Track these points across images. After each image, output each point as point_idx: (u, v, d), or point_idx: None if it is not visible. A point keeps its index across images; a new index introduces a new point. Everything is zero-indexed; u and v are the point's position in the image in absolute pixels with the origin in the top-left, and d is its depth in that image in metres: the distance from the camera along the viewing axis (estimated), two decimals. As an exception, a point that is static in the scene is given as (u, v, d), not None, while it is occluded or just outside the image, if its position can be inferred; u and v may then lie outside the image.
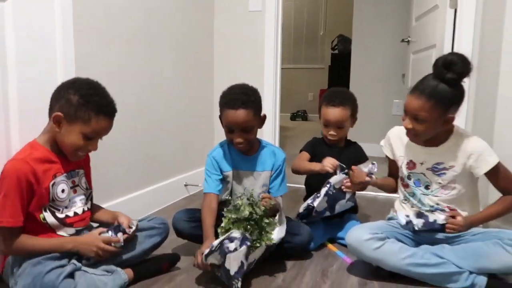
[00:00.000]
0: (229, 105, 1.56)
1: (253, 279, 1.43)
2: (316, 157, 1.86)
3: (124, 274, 1.32)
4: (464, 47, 2.17)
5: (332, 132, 1.84)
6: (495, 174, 1.47)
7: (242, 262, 1.30)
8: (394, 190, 1.71)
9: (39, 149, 1.26)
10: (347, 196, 1.71)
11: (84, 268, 1.24)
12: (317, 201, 1.67)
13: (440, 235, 1.49)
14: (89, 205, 1.40)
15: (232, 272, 1.29)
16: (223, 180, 1.68)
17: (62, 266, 1.19)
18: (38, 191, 1.21)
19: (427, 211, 1.52)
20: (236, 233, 1.34)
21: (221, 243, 1.31)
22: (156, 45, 2.17)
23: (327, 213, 1.72)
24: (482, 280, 1.38)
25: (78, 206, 1.34)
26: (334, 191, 1.68)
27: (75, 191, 1.34)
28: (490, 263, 1.37)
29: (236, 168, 1.68)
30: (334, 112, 1.80)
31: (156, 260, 1.48)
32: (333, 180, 1.68)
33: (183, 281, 1.43)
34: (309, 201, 1.71)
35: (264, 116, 1.67)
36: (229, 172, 1.67)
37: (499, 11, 1.80)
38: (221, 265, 1.32)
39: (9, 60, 1.32)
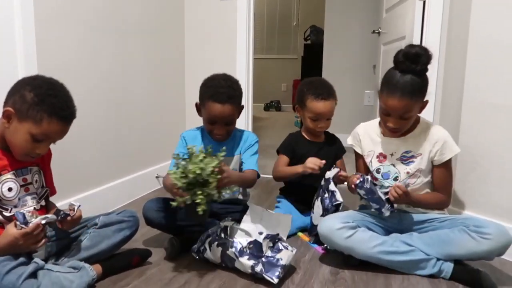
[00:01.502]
0: (215, 99, 1.56)
1: (226, 272, 1.43)
2: (296, 156, 1.85)
3: (92, 271, 1.28)
4: (432, 38, 2.21)
5: (322, 125, 1.83)
6: (447, 167, 1.55)
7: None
8: None
9: None
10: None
11: (48, 266, 1.19)
12: (338, 195, 1.63)
13: (408, 222, 1.54)
14: (43, 203, 1.32)
15: None
16: None
17: (24, 264, 1.13)
18: None
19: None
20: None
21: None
22: (124, 33, 2.10)
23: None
24: (449, 266, 1.42)
25: (29, 205, 1.27)
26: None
27: (26, 189, 1.26)
28: (456, 249, 1.40)
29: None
30: (326, 106, 1.79)
31: (126, 255, 1.44)
32: (330, 174, 1.67)
33: (153, 275, 1.40)
34: (328, 200, 1.64)
35: (242, 107, 1.69)
36: None
37: (466, 3, 1.83)
38: None
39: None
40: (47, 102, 1.16)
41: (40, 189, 1.33)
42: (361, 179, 1.48)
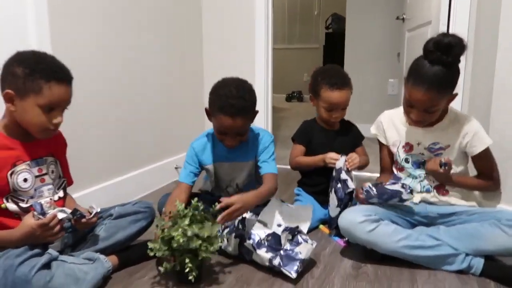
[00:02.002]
0: (226, 112, 1.44)
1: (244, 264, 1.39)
2: (311, 144, 1.80)
3: (107, 262, 1.26)
4: (460, 24, 2.11)
5: (337, 115, 1.77)
6: (485, 156, 1.46)
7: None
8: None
9: None
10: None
11: (62, 257, 1.17)
12: (350, 182, 1.57)
13: (434, 213, 1.46)
14: (60, 194, 1.31)
15: None
16: (206, 171, 1.65)
17: (38, 255, 1.12)
18: None
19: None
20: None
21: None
22: (140, 24, 2.08)
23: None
24: (479, 262, 1.34)
25: (46, 196, 1.25)
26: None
27: (42, 180, 1.25)
28: (486, 245, 1.33)
29: (219, 160, 1.63)
30: (341, 95, 1.71)
31: (142, 246, 1.41)
32: (340, 164, 1.61)
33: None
34: (341, 190, 1.58)
35: (257, 112, 1.59)
36: (209, 165, 1.63)
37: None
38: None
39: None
40: (38, 70, 1.13)
41: (57, 179, 1.32)
42: (364, 192, 1.44)
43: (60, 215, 1.17)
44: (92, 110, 1.77)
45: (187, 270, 1.18)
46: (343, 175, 1.57)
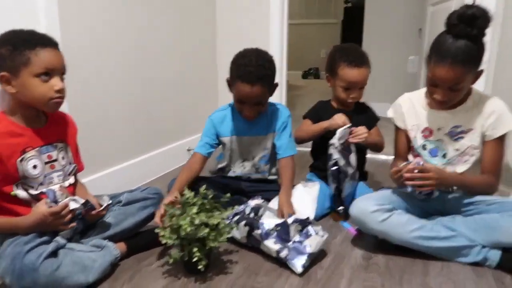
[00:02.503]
0: (244, 79, 1.46)
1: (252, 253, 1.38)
2: (322, 120, 1.73)
3: (115, 249, 1.26)
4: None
5: (354, 95, 1.71)
6: (500, 145, 1.39)
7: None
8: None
9: (3, 122, 1.17)
10: (353, 148, 1.61)
11: (70, 245, 1.17)
12: (336, 155, 1.55)
13: (451, 202, 1.40)
14: (71, 181, 1.30)
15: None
16: (221, 145, 1.66)
17: (46, 242, 1.12)
18: (1, 168, 1.13)
19: None
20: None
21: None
22: (153, 4, 2.02)
23: (350, 170, 1.60)
24: (495, 255, 1.29)
25: (55, 182, 1.25)
26: (341, 147, 1.57)
27: (52, 167, 1.24)
28: (505, 237, 1.27)
29: (237, 134, 1.63)
30: (359, 73, 1.66)
31: (151, 233, 1.41)
32: (338, 134, 1.56)
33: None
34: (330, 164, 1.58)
35: (276, 85, 1.59)
36: (227, 137, 1.63)
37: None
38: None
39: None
40: (20, 43, 1.11)
41: (68, 166, 1.31)
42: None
43: (72, 205, 1.17)
44: (100, 94, 1.75)
45: (195, 259, 1.17)
46: (331, 149, 1.54)
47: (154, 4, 2.04)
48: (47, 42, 1.15)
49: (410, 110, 1.51)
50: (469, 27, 1.23)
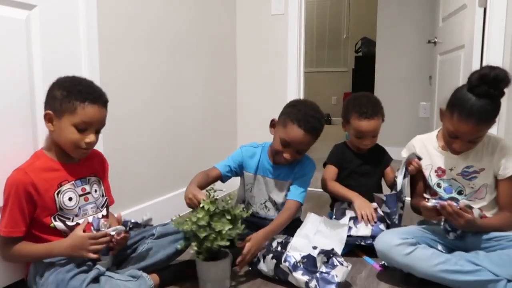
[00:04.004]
0: (300, 125, 1.51)
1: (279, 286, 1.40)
2: (343, 166, 1.85)
3: (150, 280, 1.31)
4: (494, 48, 2.10)
5: (366, 143, 1.80)
6: None
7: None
8: None
9: (41, 158, 1.27)
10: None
11: (109, 273, 1.23)
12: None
13: (472, 239, 1.44)
14: (104, 212, 1.38)
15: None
16: (240, 179, 1.72)
17: (86, 271, 1.18)
18: (40, 201, 1.22)
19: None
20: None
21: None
22: (179, 50, 2.18)
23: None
24: (521, 289, 1.31)
25: (90, 214, 1.32)
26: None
27: (86, 199, 1.33)
28: (529, 271, 1.29)
29: (262, 173, 1.67)
30: (369, 125, 1.75)
31: (181, 265, 1.47)
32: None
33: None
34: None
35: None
36: (251, 174, 1.68)
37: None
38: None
39: (36, 70, 1.34)
40: (74, 91, 1.23)
41: (100, 198, 1.39)
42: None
43: (113, 232, 1.24)
44: (133, 133, 1.86)
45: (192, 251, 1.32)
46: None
47: (181, 50, 2.19)
48: (97, 98, 1.27)
49: (423, 150, 1.59)
50: (492, 88, 1.31)
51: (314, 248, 1.37)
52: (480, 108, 1.33)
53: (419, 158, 1.56)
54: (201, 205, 1.33)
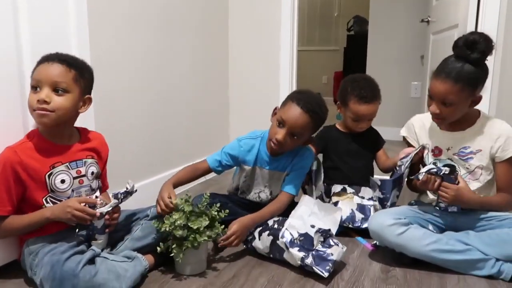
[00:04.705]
0: (299, 103, 1.48)
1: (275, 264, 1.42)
2: (328, 145, 1.85)
3: (145, 261, 1.31)
4: (489, 27, 2.10)
5: (362, 125, 1.80)
6: (511, 163, 1.45)
7: None
8: None
9: (35, 139, 1.24)
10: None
11: (104, 254, 1.23)
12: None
13: (463, 219, 1.46)
14: (97, 194, 1.34)
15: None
16: (240, 168, 1.69)
17: (81, 252, 1.18)
18: (28, 182, 1.20)
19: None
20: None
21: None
22: (171, 29, 2.13)
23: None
24: (509, 268, 1.34)
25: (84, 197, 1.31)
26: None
27: (81, 182, 1.31)
28: (518, 250, 1.33)
29: (260, 165, 1.65)
30: (368, 109, 1.74)
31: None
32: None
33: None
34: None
35: (312, 139, 1.62)
36: (249, 167, 1.65)
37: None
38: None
39: (24, 52, 1.30)
40: (39, 61, 1.22)
41: (95, 180, 1.37)
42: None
43: (109, 209, 1.25)
44: (124, 111, 1.83)
45: (172, 254, 1.29)
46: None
47: (173, 28, 2.15)
48: (51, 57, 1.22)
49: (422, 130, 1.60)
50: (469, 49, 1.35)
51: (312, 226, 1.38)
52: (453, 68, 1.37)
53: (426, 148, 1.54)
54: (175, 203, 1.34)
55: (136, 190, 1.32)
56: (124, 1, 1.79)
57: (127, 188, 1.30)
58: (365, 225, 1.62)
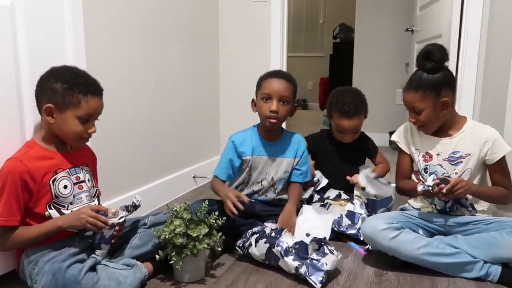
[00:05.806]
0: (273, 74, 1.67)
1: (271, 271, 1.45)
2: (318, 154, 1.91)
3: (144, 268, 1.33)
4: (472, 36, 2.17)
5: (348, 137, 1.86)
6: (503, 165, 1.53)
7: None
8: None
9: (35, 147, 1.27)
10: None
11: (104, 262, 1.24)
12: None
13: (452, 222, 1.51)
14: (96, 202, 1.39)
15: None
16: (241, 166, 1.73)
17: (82, 260, 1.19)
18: (35, 189, 1.22)
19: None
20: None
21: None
22: (162, 36, 2.15)
23: None
24: (497, 270, 1.40)
25: (84, 202, 1.33)
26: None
27: (80, 187, 1.33)
28: (504, 252, 1.38)
29: (258, 153, 1.72)
30: (350, 123, 1.81)
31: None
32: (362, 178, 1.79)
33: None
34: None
35: (295, 108, 1.75)
36: (248, 156, 1.71)
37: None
38: None
39: (21, 60, 1.30)
40: (76, 85, 1.24)
41: (92, 188, 1.39)
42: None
43: (121, 220, 1.28)
44: (116, 123, 1.83)
45: (171, 262, 1.31)
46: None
47: (165, 36, 2.16)
48: (97, 90, 1.29)
49: (414, 135, 1.65)
50: (425, 60, 1.48)
51: (307, 235, 1.42)
52: (414, 79, 1.51)
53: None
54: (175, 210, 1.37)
55: (140, 205, 1.35)
56: (118, 10, 1.80)
57: (133, 202, 1.33)
58: (350, 231, 1.67)
